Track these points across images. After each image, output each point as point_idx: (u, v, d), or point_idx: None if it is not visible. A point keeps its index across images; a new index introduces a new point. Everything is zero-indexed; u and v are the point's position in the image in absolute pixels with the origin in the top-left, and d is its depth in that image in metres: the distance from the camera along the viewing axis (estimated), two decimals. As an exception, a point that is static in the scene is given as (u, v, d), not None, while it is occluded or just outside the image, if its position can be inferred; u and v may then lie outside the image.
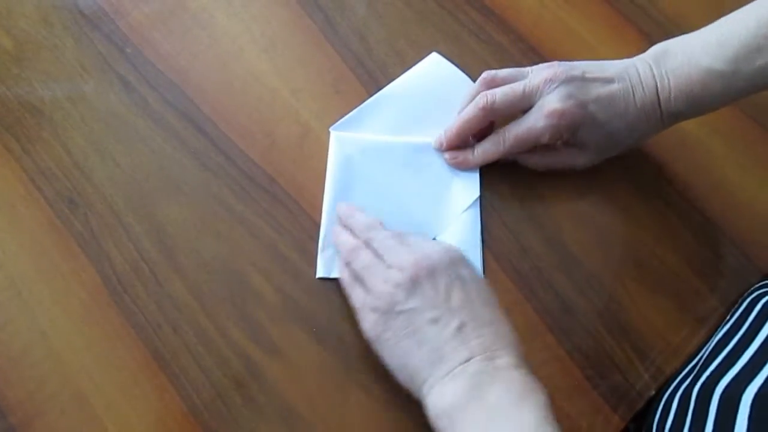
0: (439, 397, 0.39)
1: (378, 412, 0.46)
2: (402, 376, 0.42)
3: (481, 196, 0.53)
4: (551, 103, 0.48)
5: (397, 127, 0.55)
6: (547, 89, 0.49)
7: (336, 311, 0.49)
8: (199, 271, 0.50)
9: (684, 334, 0.50)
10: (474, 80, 0.57)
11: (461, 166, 0.53)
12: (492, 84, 0.52)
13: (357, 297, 0.45)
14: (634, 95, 0.48)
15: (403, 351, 0.42)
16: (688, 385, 0.46)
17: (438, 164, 0.54)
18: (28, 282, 0.49)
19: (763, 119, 0.58)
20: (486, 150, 0.52)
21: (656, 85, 0.48)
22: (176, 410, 0.46)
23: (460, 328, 0.40)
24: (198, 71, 0.57)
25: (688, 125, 0.52)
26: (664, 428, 0.45)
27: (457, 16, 0.61)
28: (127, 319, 0.48)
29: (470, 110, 0.51)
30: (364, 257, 0.45)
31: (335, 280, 0.49)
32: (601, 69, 0.50)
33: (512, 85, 0.51)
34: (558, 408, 0.47)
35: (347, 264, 0.46)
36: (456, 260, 0.44)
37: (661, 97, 0.48)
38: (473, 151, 0.53)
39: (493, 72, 0.53)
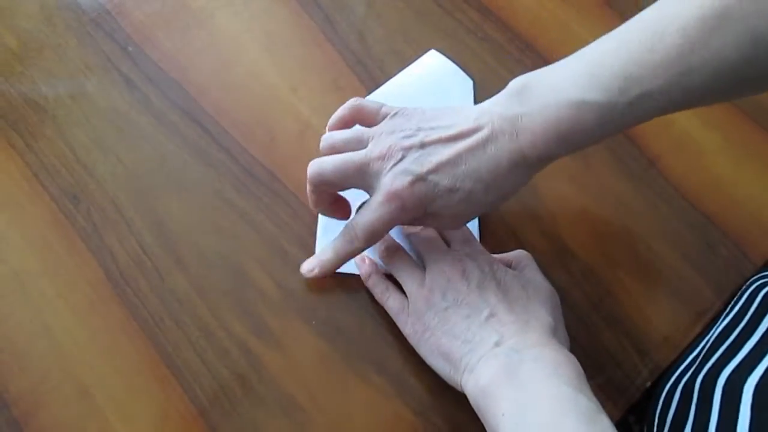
0: (474, 383, 0.40)
1: (377, 403, 0.47)
2: (443, 373, 0.43)
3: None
4: (386, 186, 0.43)
5: None
6: (383, 168, 0.43)
7: (336, 304, 0.50)
8: (201, 265, 0.50)
9: (680, 327, 0.51)
10: (471, 77, 0.58)
11: (320, 275, 0.48)
12: (331, 149, 0.47)
13: (394, 304, 0.47)
14: (485, 149, 0.42)
15: (442, 347, 0.43)
16: (690, 376, 0.46)
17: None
18: (31, 276, 0.49)
19: (757, 115, 0.59)
20: (338, 248, 0.47)
21: (515, 130, 0.41)
22: (178, 402, 0.46)
23: (490, 316, 0.42)
24: (199, 69, 0.58)
25: (683, 121, 0.53)
26: (665, 420, 0.46)
27: (455, 15, 0.62)
28: (130, 313, 0.48)
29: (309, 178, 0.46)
30: (402, 258, 0.48)
31: (335, 274, 0.50)
32: (448, 125, 0.43)
33: (346, 156, 0.45)
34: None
35: (374, 269, 0.49)
36: (492, 264, 0.45)
37: (524, 143, 0.41)
38: (328, 254, 0.48)
39: (329, 135, 0.47)
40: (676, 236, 0.54)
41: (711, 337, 0.49)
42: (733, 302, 0.51)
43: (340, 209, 0.49)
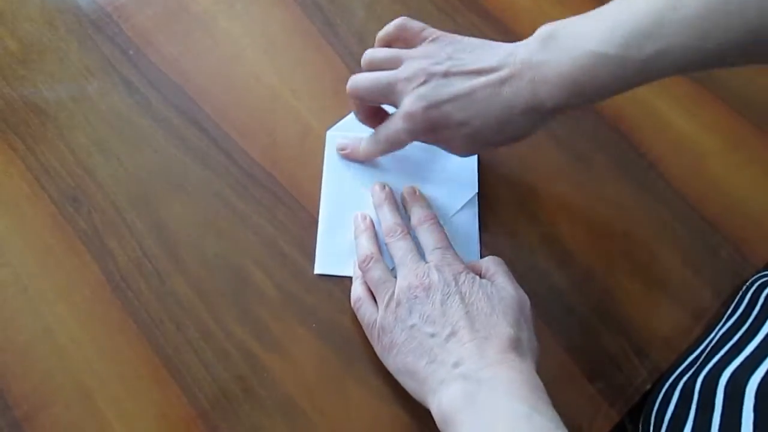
0: (437, 406, 0.40)
1: (377, 406, 0.47)
2: (412, 391, 0.43)
3: (478, 194, 0.54)
4: (405, 106, 0.47)
5: None
6: (407, 89, 0.47)
7: (335, 307, 0.50)
8: (201, 267, 0.50)
9: (679, 329, 0.51)
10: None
11: (349, 157, 0.54)
12: (369, 66, 0.51)
13: (365, 313, 0.47)
14: (502, 88, 0.44)
15: (408, 366, 0.43)
16: (690, 377, 0.46)
17: (435, 162, 0.55)
18: (33, 278, 0.49)
19: (755, 117, 0.59)
20: (367, 148, 0.53)
21: (534, 75, 0.43)
22: (178, 404, 0.46)
23: (451, 335, 0.42)
24: (200, 72, 0.58)
25: (682, 124, 0.53)
26: (663, 419, 0.46)
27: (455, 19, 0.62)
28: (130, 315, 0.49)
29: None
30: (376, 270, 0.48)
31: (334, 276, 0.50)
32: (475, 59, 0.46)
33: (378, 74, 0.49)
34: (553, 401, 0.48)
35: (361, 274, 0.49)
36: (458, 276, 0.45)
37: (540, 89, 0.43)
38: (359, 148, 0.54)
39: (371, 52, 0.51)
40: (676, 239, 0.54)
41: (713, 338, 0.49)
42: (735, 303, 0.51)
43: (377, 122, 0.52)
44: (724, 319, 0.50)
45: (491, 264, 0.48)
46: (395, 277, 0.47)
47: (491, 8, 0.62)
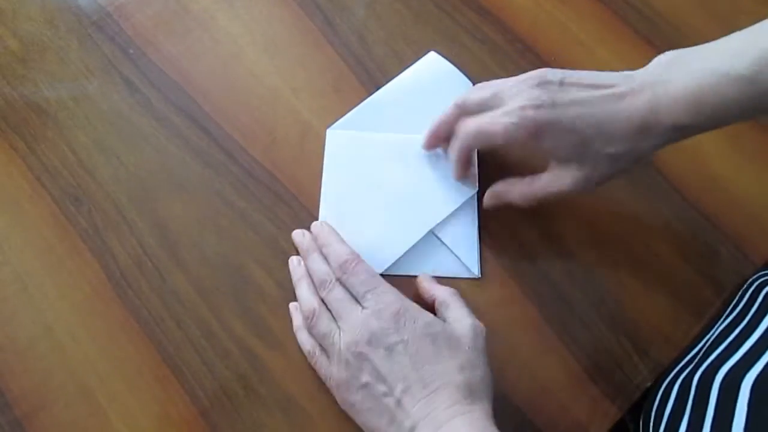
0: None
1: (378, 403, 0.47)
2: None
3: (478, 192, 0.54)
4: (514, 102, 0.45)
5: (394, 126, 0.56)
6: (517, 91, 0.46)
7: (336, 305, 0.50)
8: (202, 266, 0.51)
9: (679, 327, 0.51)
10: (471, 79, 0.58)
11: (457, 177, 0.52)
12: (468, 108, 0.50)
13: (321, 367, 0.46)
14: (620, 102, 0.43)
15: (370, 424, 0.43)
16: (688, 373, 0.46)
17: (435, 160, 0.55)
18: (33, 277, 0.49)
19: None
20: (452, 145, 0.50)
21: (656, 92, 0.42)
22: (179, 402, 0.46)
23: (403, 393, 0.41)
24: (200, 71, 0.58)
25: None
26: (662, 416, 0.46)
27: (454, 17, 0.62)
28: (131, 314, 0.49)
29: (446, 111, 0.50)
30: (321, 325, 0.45)
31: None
32: (591, 76, 0.45)
33: (484, 86, 0.49)
34: (555, 399, 0.48)
35: (308, 328, 0.47)
36: (397, 318, 0.43)
37: (663, 105, 0.42)
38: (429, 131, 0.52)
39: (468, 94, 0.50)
40: (676, 236, 0.54)
41: (711, 336, 0.49)
42: (734, 301, 0.51)
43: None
44: (722, 319, 0.50)
45: (444, 297, 0.46)
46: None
47: (490, 6, 0.62)
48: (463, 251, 0.52)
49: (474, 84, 0.58)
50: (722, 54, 0.42)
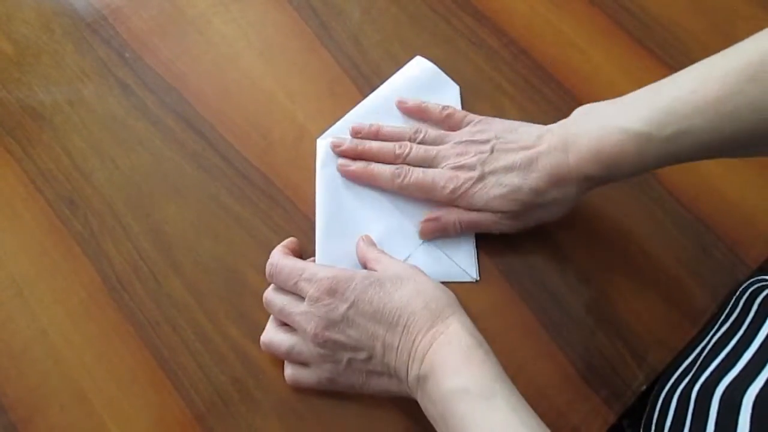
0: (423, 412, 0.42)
1: (372, 407, 0.47)
2: (402, 397, 0.45)
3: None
4: (450, 172, 0.50)
5: None
6: (452, 159, 0.50)
7: (332, 309, 0.50)
8: (197, 270, 0.51)
9: (674, 331, 0.51)
10: (457, 83, 0.58)
11: (343, 155, 0.54)
12: (415, 140, 0.53)
13: (311, 380, 0.47)
14: (538, 160, 0.48)
15: (379, 388, 0.45)
16: (687, 384, 0.46)
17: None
18: (28, 281, 0.49)
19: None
20: (379, 174, 0.52)
21: (566, 148, 0.47)
22: (174, 406, 0.46)
23: (382, 347, 0.43)
24: (196, 75, 0.58)
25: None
26: (663, 427, 0.46)
27: (449, 21, 0.62)
28: (126, 318, 0.49)
29: (387, 147, 0.52)
30: (280, 348, 0.47)
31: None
32: (518, 138, 0.50)
33: (428, 147, 0.52)
34: (549, 402, 0.48)
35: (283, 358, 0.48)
36: (333, 289, 0.44)
37: (571, 159, 0.47)
38: (365, 168, 0.53)
39: (422, 131, 0.53)
40: (671, 240, 0.54)
41: (708, 342, 0.49)
42: (730, 307, 0.51)
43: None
44: (719, 324, 0.50)
45: (375, 254, 0.49)
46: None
47: (485, 10, 0.63)
48: (460, 256, 0.52)
49: (461, 87, 0.58)
50: (624, 110, 0.45)
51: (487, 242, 0.53)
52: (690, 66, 0.45)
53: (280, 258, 0.48)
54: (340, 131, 0.56)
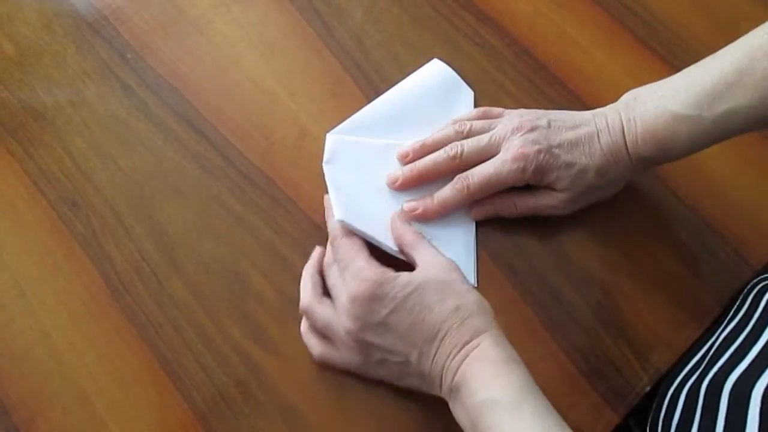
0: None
1: (376, 409, 0.47)
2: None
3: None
4: (516, 147, 0.49)
5: (393, 133, 0.55)
6: (513, 138, 0.50)
7: (334, 310, 0.50)
8: (199, 271, 0.50)
9: (679, 332, 0.51)
10: (471, 86, 0.58)
11: (420, 219, 0.51)
12: (462, 136, 0.52)
13: (335, 360, 0.47)
14: (599, 139, 0.49)
15: (408, 383, 0.46)
16: (695, 380, 0.46)
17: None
18: (31, 283, 0.49)
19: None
20: (446, 198, 0.51)
21: (623, 129, 0.48)
22: (177, 408, 0.46)
23: (418, 356, 0.43)
24: (197, 75, 0.58)
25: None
26: (671, 424, 0.46)
27: (452, 21, 0.62)
28: (129, 319, 0.49)
29: (440, 156, 0.52)
30: (317, 320, 0.47)
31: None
32: (569, 117, 0.51)
33: (479, 136, 0.52)
34: (554, 405, 0.47)
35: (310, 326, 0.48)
36: (374, 294, 0.44)
37: (627, 141, 0.48)
38: (432, 199, 0.51)
39: (466, 123, 0.53)
40: (675, 241, 0.54)
41: (716, 340, 0.49)
42: (737, 305, 0.51)
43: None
44: (725, 323, 0.50)
45: (412, 239, 0.48)
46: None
47: (489, 11, 0.62)
48: (461, 262, 0.51)
49: (475, 92, 0.58)
50: (672, 93, 0.47)
51: (488, 242, 0.53)
52: (731, 44, 0.46)
53: (343, 235, 0.48)
54: (350, 128, 0.55)
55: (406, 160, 0.53)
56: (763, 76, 0.43)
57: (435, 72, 0.58)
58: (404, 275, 0.45)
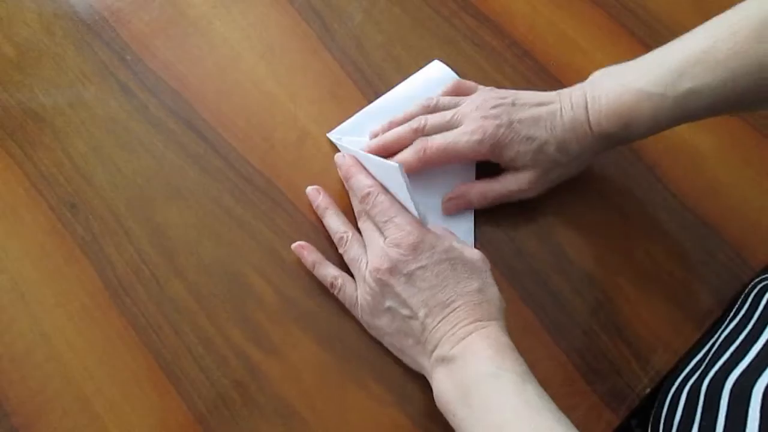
0: (435, 391, 0.43)
1: (376, 410, 0.47)
2: (408, 363, 0.47)
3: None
4: (475, 119, 0.50)
5: None
6: (474, 113, 0.51)
7: (334, 312, 0.50)
8: (199, 273, 0.50)
9: (679, 334, 0.51)
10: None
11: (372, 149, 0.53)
12: (428, 111, 0.54)
13: (345, 295, 0.49)
14: (562, 115, 0.50)
15: (395, 344, 0.47)
16: (696, 380, 0.46)
17: (431, 170, 0.54)
18: (30, 285, 0.49)
19: (754, 120, 0.59)
20: (405, 158, 0.52)
21: (586, 105, 0.49)
22: (177, 410, 0.46)
23: (427, 315, 0.44)
24: (197, 77, 0.58)
25: (680, 127, 0.53)
26: (672, 423, 0.46)
27: (452, 22, 0.62)
28: (129, 321, 0.49)
29: (402, 130, 0.53)
30: (352, 251, 0.49)
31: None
32: (535, 96, 0.52)
33: (444, 112, 0.53)
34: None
35: (341, 253, 0.50)
36: (416, 245, 0.45)
37: (591, 116, 0.48)
38: (393, 159, 0.52)
39: (433, 99, 0.54)
40: (675, 242, 0.54)
41: (716, 340, 0.49)
42: (737, 305, 0.51)
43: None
44: (726, 323, 0.50)
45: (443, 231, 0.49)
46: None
47: (487, 11, 0.62)
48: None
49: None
50: (638, 71, 0.48)
51: (487, 243, 0.53)
52: (699, 26, 0.46)
53: (379, 191, 0.48)
54: (350, 128, 0.55)
55: (376, 136, 0.54)
56: (726, 56, 0.43)
57: (435, 73, 0.58)
58: (449, 242, 0.46)
